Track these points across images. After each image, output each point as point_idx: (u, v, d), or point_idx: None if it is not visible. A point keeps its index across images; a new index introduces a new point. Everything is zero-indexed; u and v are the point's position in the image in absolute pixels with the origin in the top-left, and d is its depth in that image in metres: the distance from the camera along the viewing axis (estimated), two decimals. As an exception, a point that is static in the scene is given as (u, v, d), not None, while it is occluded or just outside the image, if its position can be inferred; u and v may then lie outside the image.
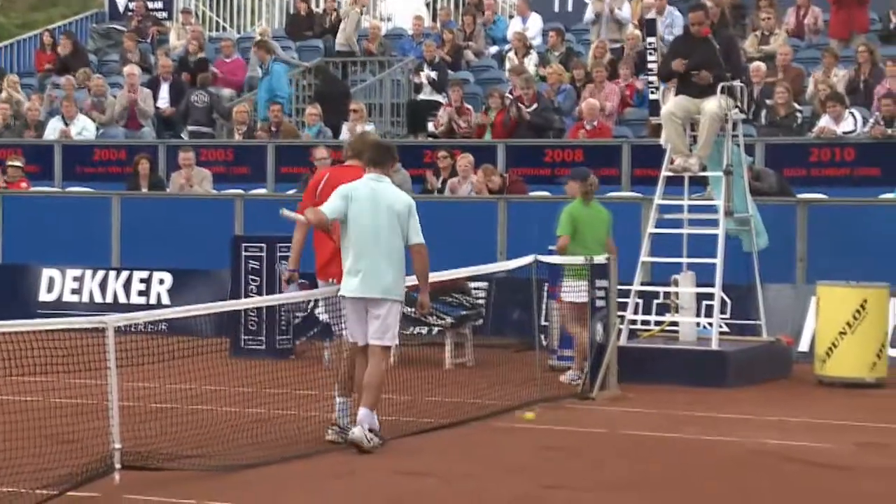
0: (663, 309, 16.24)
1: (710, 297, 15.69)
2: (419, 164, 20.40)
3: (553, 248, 14.93)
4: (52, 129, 23.66)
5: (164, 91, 24.55)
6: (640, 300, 16.24)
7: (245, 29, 30.32)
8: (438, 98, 23.09)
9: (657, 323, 16.13)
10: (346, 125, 22.00)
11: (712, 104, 15.76)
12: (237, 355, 16.31)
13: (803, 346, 16.49)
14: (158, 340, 11.91)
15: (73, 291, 20.13)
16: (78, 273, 20.19)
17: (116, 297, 19.85)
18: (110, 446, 9.67)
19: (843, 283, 15.20)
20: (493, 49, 25.58)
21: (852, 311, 14.92)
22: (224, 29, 30.44)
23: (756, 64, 21.04)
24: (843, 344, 14.94)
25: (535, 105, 21.41)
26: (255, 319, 17.08)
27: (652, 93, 17.74)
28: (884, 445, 11.84)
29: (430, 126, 22.50)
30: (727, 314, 16.62)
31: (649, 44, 17.90)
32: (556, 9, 26.91)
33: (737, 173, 15.98)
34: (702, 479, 10.35)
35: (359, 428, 10.96)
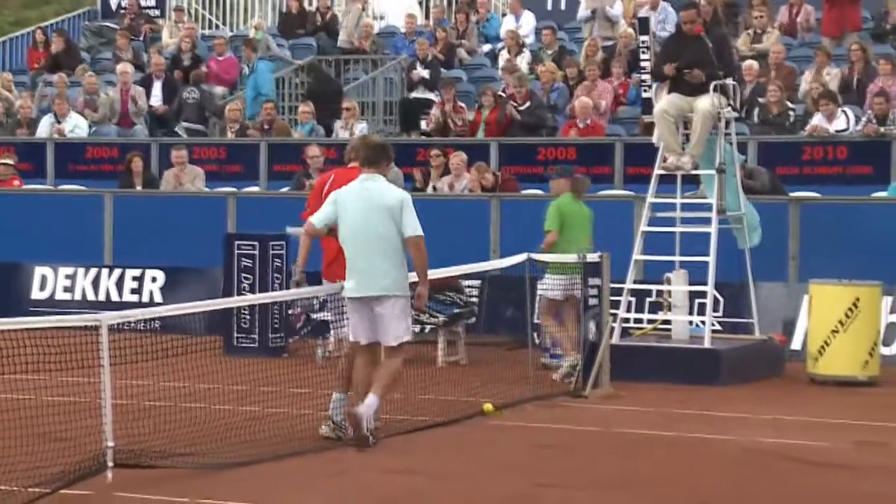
0: (656, 307, 16.25)
1: (702, 295, 15.68)
2: (412, 163, 20.36)
3: (542, 245, 14.98)
4: (45, 127, 23.64)
5: (157, 89, 24.50)
6: (633, 298, 16.27)
7: (238, 27, 30.27)
8: (431, 96, 23.09)
9: (650, 321, 16.14)
10: (338, 123, 22.00)
11: (705, 102, 15.76)
12: (230, 353, 16.28)
13: (796, 344, 16.48)
14: (152, 338, 11.90)
15: (66, 289, 20.09)
16: (70, 271, 20.15)
17: (109, 295, 19.83)
18: (103, 444, 9.67)
19: (836, 281, 15.20)
20: (486, 47, 25.56)
21: (845, 310, 14.91)
22: (217, 27, 30.38)
23: (748, 62, 21.05)
24: (835, 342, 14.94)
25: (527, 103, 21.40)
26: (248, 317, 17.10)
27: (645, 91, 17.73)
28: (881, 444, 11.84)
29: (423, 124, 22.50)
30: (720, 312, 16.64)
31: (642, 42, 17.89)
32: (549, 7, 26.91)
33: (729, 172, 15.98)
34: (696, 478, 10.34)
35: (365, 407, 10.96)
